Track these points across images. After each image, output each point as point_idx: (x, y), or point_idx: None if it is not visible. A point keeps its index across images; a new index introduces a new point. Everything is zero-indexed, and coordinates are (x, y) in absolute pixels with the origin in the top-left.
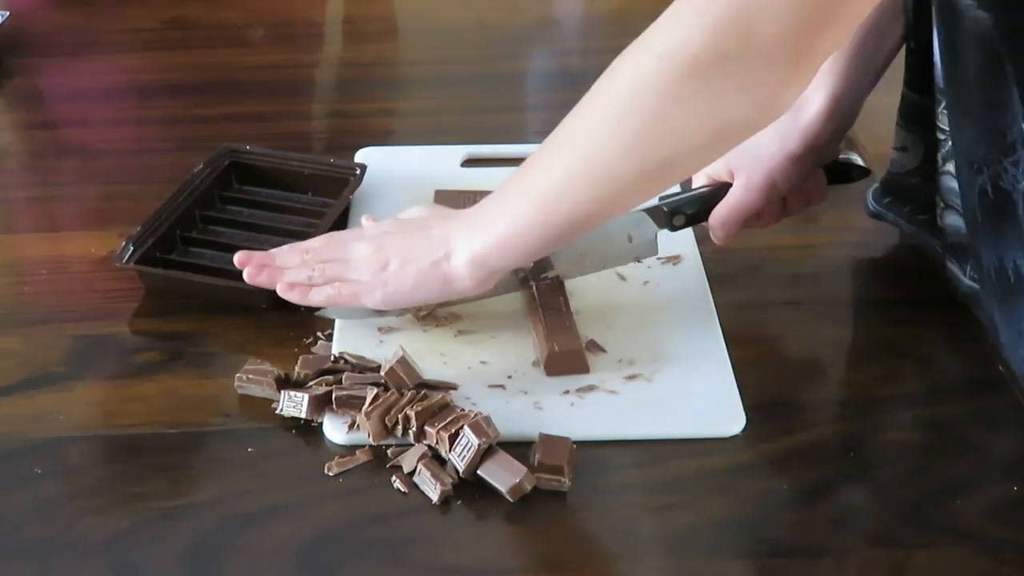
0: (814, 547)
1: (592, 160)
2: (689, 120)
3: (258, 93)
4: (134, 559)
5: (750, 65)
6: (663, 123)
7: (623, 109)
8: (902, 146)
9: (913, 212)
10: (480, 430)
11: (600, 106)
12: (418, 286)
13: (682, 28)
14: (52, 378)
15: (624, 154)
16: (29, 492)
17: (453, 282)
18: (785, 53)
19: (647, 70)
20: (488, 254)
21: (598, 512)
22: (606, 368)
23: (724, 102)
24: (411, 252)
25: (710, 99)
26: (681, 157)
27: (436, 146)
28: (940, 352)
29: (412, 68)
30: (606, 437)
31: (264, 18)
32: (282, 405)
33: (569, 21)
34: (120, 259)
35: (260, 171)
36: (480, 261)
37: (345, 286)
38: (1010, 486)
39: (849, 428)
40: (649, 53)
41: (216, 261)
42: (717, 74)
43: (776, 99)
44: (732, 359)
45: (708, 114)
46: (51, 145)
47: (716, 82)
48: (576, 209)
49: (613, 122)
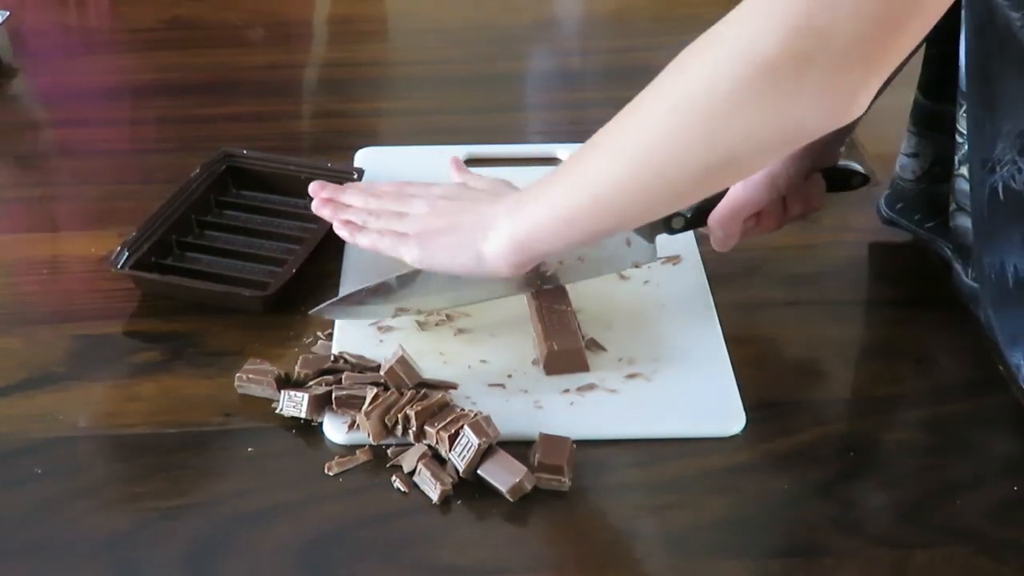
0: (814, 547)
1: (654, 153)
2: (760, 121)
3: (257, 93)
4: (134, 559)
5: (827, 67)
6: (732, 122)
7: (692, 105)
8: (913, 152)
9: (922, 220)
10: (480, 430)
11: (667, 100)
12: (454, 256)
13: (757, 26)
14: (52, 378)
15: (688, 151)
16: (29, 492)
17: (487, 261)
18: (863, 53)
19: (721, 68)
20: (526, 238)
21: (598, 512)
22: (606, 367)
23: (798, 104)
24: (458, 221)
25: (784, 100)
26: (746, 157)
27: (436, 146)
28: (940, 352)
29: (412, 68)
30: (606, 436)
31: (263, 18)
32: (282, 405)
33: (569, 21)
34: (115, 264)
35: (257, 175)
36: (517, 244)
37: (388, 236)
38: (1010, 486)
39: (849, 428)
40: (722, 51)
41: (213, 266)
42: (793, 75)
43: (850, 102)
44: (732, 359)
45: (780, 115)
46: (51, 145)
47: (792, 83)
48: (630, 201)
49: (680, 116)
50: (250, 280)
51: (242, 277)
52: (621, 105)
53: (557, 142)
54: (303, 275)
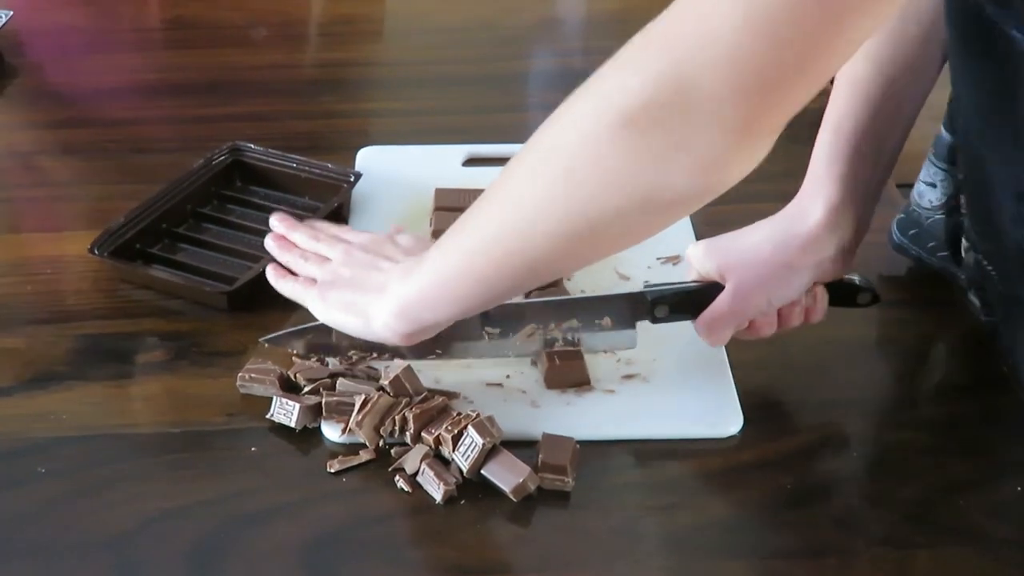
0: (817, 547)
1: (516, 207)
2: (617, 175)
3: (259, 93)
4: (137, 558)
5: (688, 121)
6: (590, 177)
7: (551, 153)
8: (931, 182)
9: (936, 248)
10: (484, 430)
11: (532, 151)
12: (346, 314)
13: (623, 74)
14: (55, 377)
15: (548, 203)
16: (32, 492)
17: (373, 324)
18: (735, 111)
19: (581, 115)
20: (412, 304)
21: (600, 512)
22: (604, 368)
23: (657, 160)
24: (360, 277)
25: (642, 153)
26: (606, 222)
27: (437, 145)
28: (942, 352)
29: (414, 68)
30: (603, 437)
31: (266, 18)
32: (273, 411)
33: (570, 21)
34: (92, 249)
35: (260, 171)
36: (404, 311)
37: (298, 284)
38: (1014, 486)
39: (851, 428)
40: (588, 102)
41: (198, 259)
42: (651, 126)
43: (716, 168)
44: (733, 359)
45: (638, 171)
46: (54, 144)
47: (650, 135)
48: (501, 262)
49: (539, 166)
50: (227, 276)
51: (221, 272)
52: None
53: None
54: None
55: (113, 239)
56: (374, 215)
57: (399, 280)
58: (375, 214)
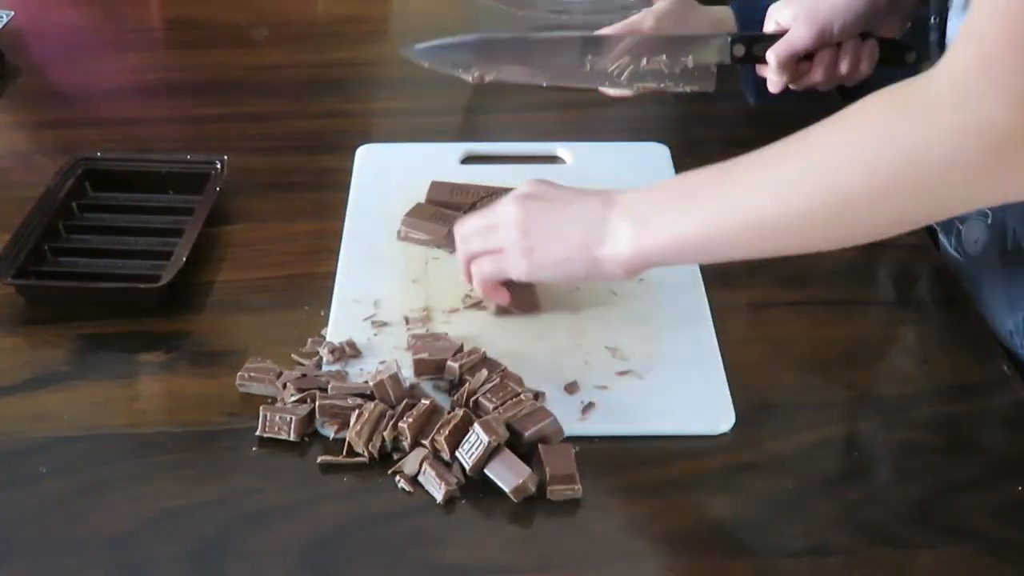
0: (818, 547)
1: (840, 209)
2: (975, 193)
3: (261, 93)
4: (137, 558)
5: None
6: (942, 191)
7: (901, 176)
8: None
9: None
10: (490, 428)
11: (864, 162)
12: (564, 262)
13: (980, 103)
14: (56, 377)
15: (884, 209)
16: (33, 491)
17: (604, 268)
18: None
19: (939, 147)
20: (655, 253)
21: (600, 511)
22: (598, 364)
23: (1019, 180)
24: (559, 227)
25: (1006, 176)
26: (937, 216)
27: (435, 143)
28: (941, 352)
29: (413, 67)
30: (597, 433)
31: (265, 18)
32: (260, 429)
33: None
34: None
35: (116, 175)
36: (644, 257)
37: (487, 260)
38: (1014, 486)
39: (851, 428)
40: (939, 127)
41: (93, 267)
42: (1018, 153)
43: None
44: (733, 359)
45: (998, 188)
46: (56, 144)
47: (1016, 159)
48: (788, 240)
49: (885, 183)
50: (141, 275)
51: (130, 274)
52: (622, 104)
53: (557, 141)
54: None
55: (10, 265)
56: (371, 212)
57: (627, 225)
58: (372, 211)
